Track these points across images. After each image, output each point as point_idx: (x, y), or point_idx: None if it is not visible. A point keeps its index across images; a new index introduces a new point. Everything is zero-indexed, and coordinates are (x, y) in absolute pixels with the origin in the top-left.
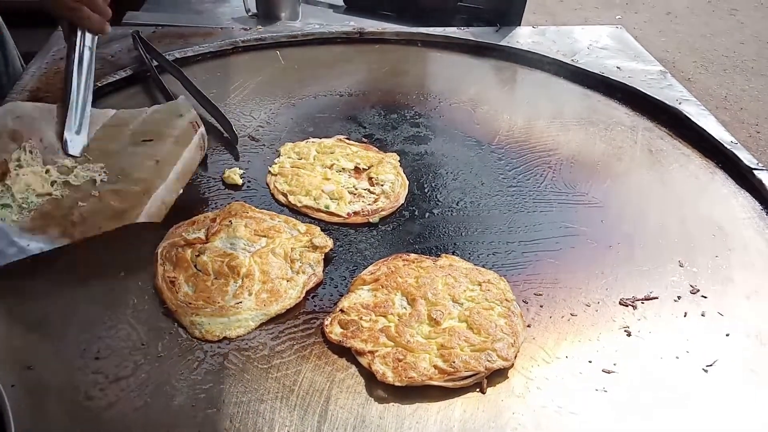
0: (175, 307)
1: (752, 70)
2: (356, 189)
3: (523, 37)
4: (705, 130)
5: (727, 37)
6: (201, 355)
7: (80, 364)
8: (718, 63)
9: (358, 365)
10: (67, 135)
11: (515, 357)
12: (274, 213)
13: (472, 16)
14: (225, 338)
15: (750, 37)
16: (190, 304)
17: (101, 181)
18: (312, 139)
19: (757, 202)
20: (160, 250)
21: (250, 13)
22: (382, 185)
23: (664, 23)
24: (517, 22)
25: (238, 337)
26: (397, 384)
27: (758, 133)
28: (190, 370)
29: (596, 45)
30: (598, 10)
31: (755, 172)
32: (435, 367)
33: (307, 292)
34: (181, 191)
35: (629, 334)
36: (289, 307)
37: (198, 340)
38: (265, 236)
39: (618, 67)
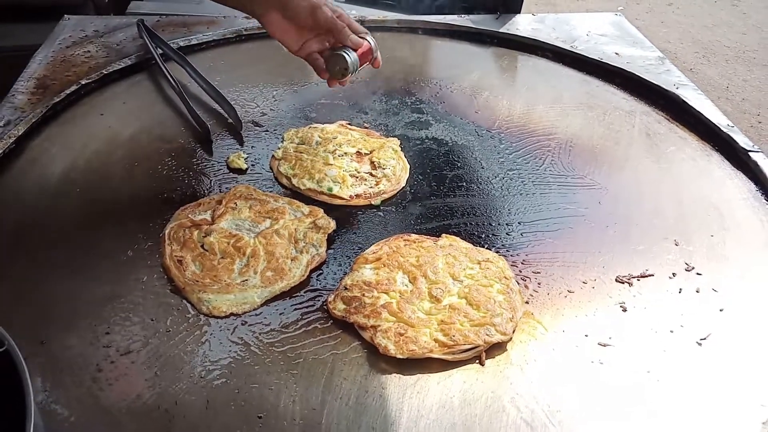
0: (183, 285)
1: (754, 60)
2: (358, 173)
3: (522, 24)
4: (702, 114)
5: (729, 27)
6: (209, 330)
7: (91, 338)
8: (720, 54)
9: (361, 339)
10: None
11: (513, 331)
12: (278, 195)
13: (473, 4)
14: (232, 314)
15: (752, 28)
16: (197, 281)
17: None
18: (314, 125)
19: (752, 183)
20: (167, 231)
21: None
22: (383, 169)
23: (665, 14)
24: (517, 10)
25: (244, 313)
26: (399, 356)
27: (760, 123)
28: (198, 344)
29: (595, 32)
30: (600, 1)
31: (750, 154)
32: (435, 340)
33: (311, 271)
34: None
35: (625, 310)
36: (293, 285)
37: (205, 316)
38: (269, 217)
39: (617, 53)
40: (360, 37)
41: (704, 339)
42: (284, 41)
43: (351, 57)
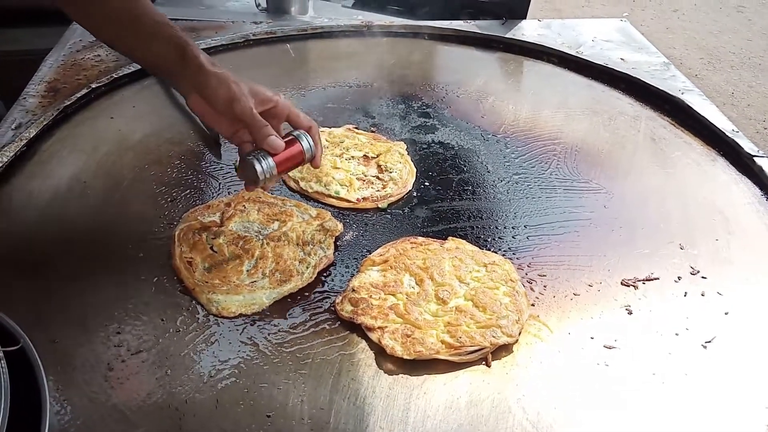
0: (192, 286)
1: (759, 66)
2: (365, 176)
3: (528, 30)
4: (707, 119)
5: (734, 33)
6: (218, 330)
7: (102, 338)
8: (725, 60)
9: (368, 340)
10: None
11: (519, 333)
12: (286, 198)
13: (479, 10)
14: (241, 315)
15: (758, 34)
16: (206, 282)
17: None
18: (322, 129)
19: (757, 188)
20: (177, 233)
21: (260, 8)
22: (390, 172)
23: (671, 20)
24: (523, 16)
25: (253, 313)
26: (406, 357)
27: (765, 129)
28: (207, 344)
29: (601, 38)
30: (605, 7)
31: (756, 159)
32: (442, 342)
33: (319, 273)
34: None
35: (630, 313)
36: (301, 287)
37: (215, 316)
38: (277, 220)
39: (622, 59)
40: (291, 136)
41: (709, 342)
42: (213, 125)
43: (262, 165)
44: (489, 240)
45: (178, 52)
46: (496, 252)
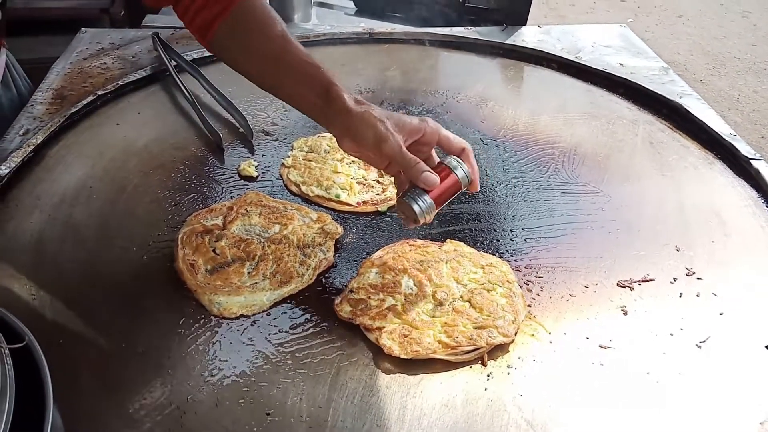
0: (194, 287)
1: (765, 71)
2: (366, 180)
3: (528, 36)
4: (704, 123)
5: (739, 39)
6: (219, 330)
7: (105, 340)
8: (730, 65)
9: (366, 341)
10: None
11: (515, 333)
12: (287, 202)
13: (479, 17)
14: (242, 315)
15: (762, 39)
16: (208, 284)
17: None
18: (323, 134)
19: (754, 191)
20: (180, 236)
21: None
22: (390, 176)
23: (675, 26)
24: (523, 22)
25: (254, 314)
26: (403, 357)
27: None
28: (209, 344)
29: (600, 43)
30: (609, 13)
31: (752, 161)
32: (439, 341)
33: (319, 275)
34: None
35: (626, 313)
36: (301, 288)
37: (216, 317)
38: (278, 223)
39: (621, 64)
40: (443, 165)
41: (703, 342)
42: (372, 164)
43: (420, 205)
44: (487, 242)
45: (322, 94)
46: (493, 254)
